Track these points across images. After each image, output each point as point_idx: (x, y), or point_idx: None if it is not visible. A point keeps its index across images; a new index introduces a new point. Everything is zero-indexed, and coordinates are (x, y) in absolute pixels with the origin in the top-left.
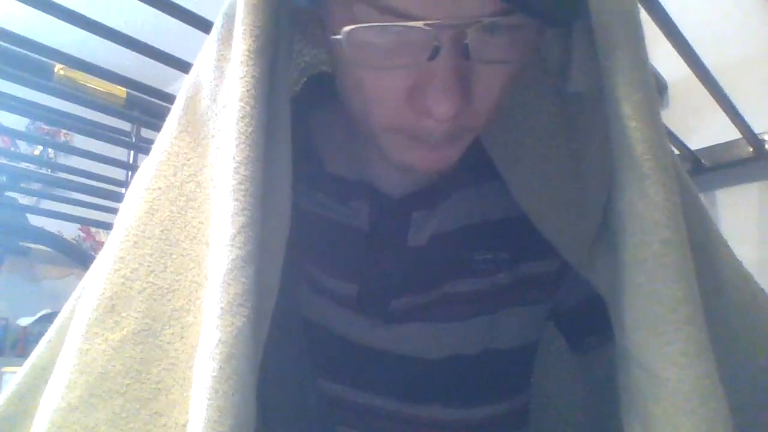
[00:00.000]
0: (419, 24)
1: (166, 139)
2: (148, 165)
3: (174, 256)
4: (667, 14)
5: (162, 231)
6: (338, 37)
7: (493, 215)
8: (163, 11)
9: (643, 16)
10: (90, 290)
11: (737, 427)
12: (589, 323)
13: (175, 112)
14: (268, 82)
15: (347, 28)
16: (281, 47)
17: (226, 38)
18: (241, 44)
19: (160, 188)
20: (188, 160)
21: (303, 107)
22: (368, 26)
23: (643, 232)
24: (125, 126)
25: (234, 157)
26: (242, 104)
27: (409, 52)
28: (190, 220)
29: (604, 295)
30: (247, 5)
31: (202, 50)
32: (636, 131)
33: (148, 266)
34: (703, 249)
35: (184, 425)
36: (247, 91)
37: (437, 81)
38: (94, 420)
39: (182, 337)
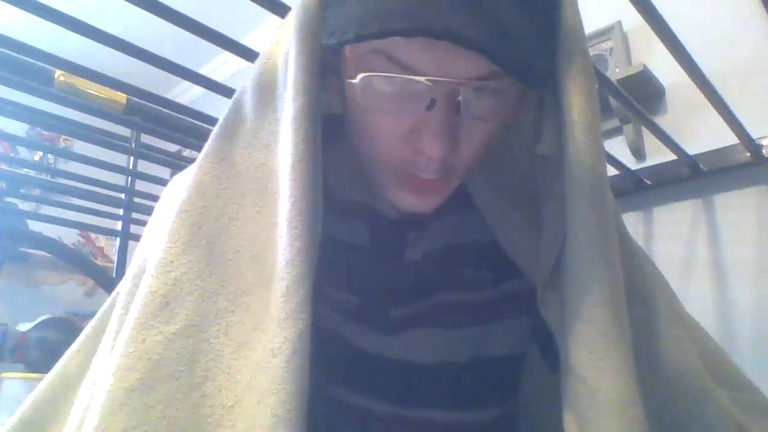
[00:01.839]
0: (421, 79)
1: (207, 164)
2: (187, 180)
3: (219, 265)
4: (664, 21)
5: (207, 243)
6: (353, 81)
7: (476, 238)
8: (163, 18)
9: (641, 22)
10: (139, 288)
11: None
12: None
13: (215, 142)
14: (314, 130)
15: (361, 75)
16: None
17: (265, 85)
18: (295, 102)
19: (204, 205)
20: (230, 184)
21: None
22: (379, 75)
23: (587, 272)
24: (125, 132)
25: (292, 194)
26: (298, 150)
27: (410, 101)
28: (233, 236)
29: (551, 325)
30: (300, 68)
31: (241, 93)
32: (584, 191)
33: (197, 271)
34: (637, 284)
35: (231, 407)
36: (302, 140)
37: (431, 127)
38: (152, 399)
39: (227, 334)
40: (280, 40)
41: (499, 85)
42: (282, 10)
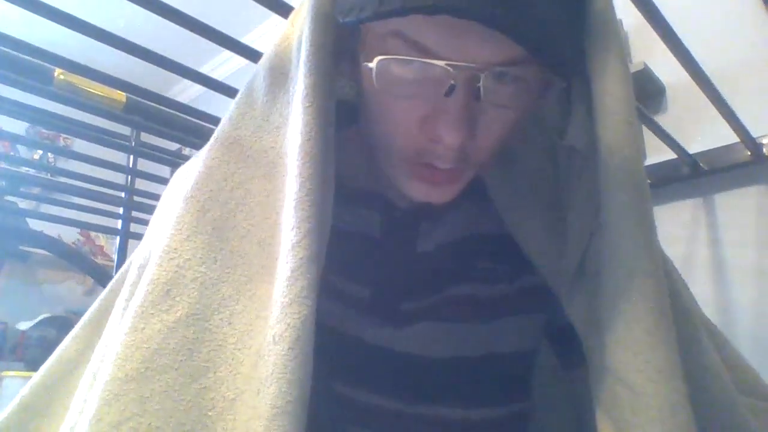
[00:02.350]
0: (441, 63)
1: (216, 148)
2: (195, 166)
3: (224, 252)
4: (665, 19)
5: (213, 229)
6: (370, 65)
7: (492, 230)
8: (163, 16)
9: (641, 20)
10: (142, 277)
11: None
12: (575, 341)
13: (225, 127)
14: (325, 109)
15: (379, 58)
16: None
17: (278, 68)
18: (307, 79)
19: (211, 190)
20: (238, 169)
21: None
22: (397, 58)
23: (628, 267)
24: (125, 130)
25: (301, 174)
26: (308, 129)
27: (428, 86)
28: (240, 221)
29: (578, 324)
30: (313, 45)
31: (254, 76)
32: (623, 183)
33: (200, 258)
34: (673, 287)
35: (232, 399)
36: (313, 119)
37: (449, 114)
38: (149, 390)
39: (230, 323)
40: (294, 22)
41: (521, 71)
42: (282, 9)
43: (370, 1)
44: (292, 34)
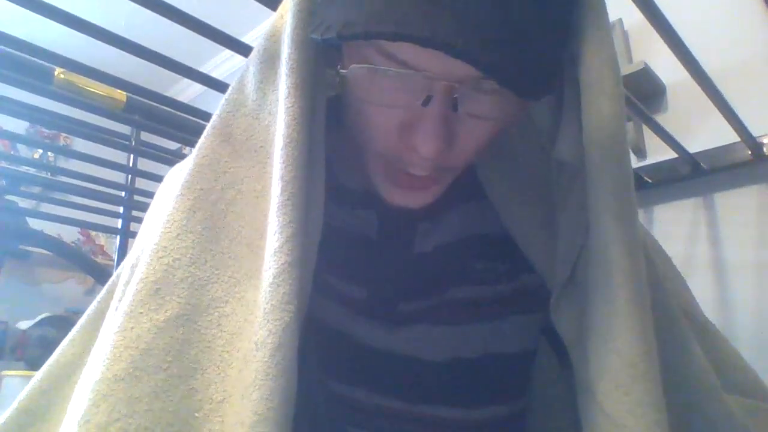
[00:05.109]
0: (418, 74)
1: (207, 146)
2: (187, 164)
3: (213, 252)
4: (665, 19)
5: (203, 228)
6: (346, 72)
7: (492, 229)
8: (163, 15)
9: (642, 20)
10: (133, 276)
11: None
12: None
13: (216, 124)
14: (309, 109)
15: (355, 66)
16: (314, 76)
17: (268, 62)
18: (288, 78)
19: (202, 189)
20: (229, 168)
21: None
22: (373, 68)
23: (610, 294)
24: (125, 129)
25: (282, 177)
26: (289, 131)
27: (405, 96)
28: (230, 222)
29: (567, 342)
30: (294, 42)
31: (245, 70)
32: (609, 205)
33: (190, 258)
34: (663, 308)
35: (220, 401)
36: (294, 120)
37: (426, 124)
38: (138, 391)
39: (219, 325)
40: (284, 14)
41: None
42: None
43: (334, 24)
44: (281, 27)
